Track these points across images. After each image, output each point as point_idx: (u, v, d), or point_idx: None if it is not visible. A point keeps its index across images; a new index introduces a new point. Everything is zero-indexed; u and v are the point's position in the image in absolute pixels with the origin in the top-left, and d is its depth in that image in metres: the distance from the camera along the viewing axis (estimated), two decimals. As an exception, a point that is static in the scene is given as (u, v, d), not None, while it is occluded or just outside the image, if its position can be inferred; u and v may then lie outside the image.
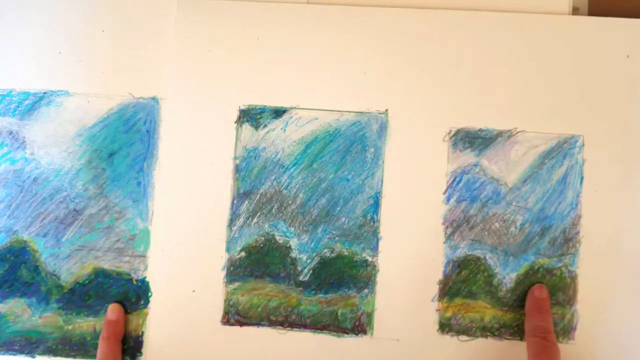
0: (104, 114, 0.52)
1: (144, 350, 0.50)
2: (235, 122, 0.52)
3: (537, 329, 0.47)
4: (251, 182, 0.51)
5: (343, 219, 0.51)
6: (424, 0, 0.52)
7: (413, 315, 0.49)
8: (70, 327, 0.51)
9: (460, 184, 0.50)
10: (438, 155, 0.51)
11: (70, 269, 0.51)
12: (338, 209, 0.51)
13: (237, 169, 0.51)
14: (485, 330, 0.50)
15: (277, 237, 0.51)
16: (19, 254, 0.51)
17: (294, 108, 0.52)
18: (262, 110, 0.52)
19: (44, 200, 0.51)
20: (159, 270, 0.51)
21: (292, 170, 0.51)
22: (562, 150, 0.50)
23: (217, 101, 0.52)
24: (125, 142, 0.52)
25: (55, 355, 0.50)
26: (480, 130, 0.51)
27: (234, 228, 0.51)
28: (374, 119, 0.51)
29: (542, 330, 0.47)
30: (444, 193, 0.50)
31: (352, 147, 0.51)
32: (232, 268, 0.50)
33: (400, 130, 0.51)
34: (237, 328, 0.50)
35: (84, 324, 0.51)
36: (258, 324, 0.50)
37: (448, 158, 0.51)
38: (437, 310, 0.50)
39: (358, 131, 0.51)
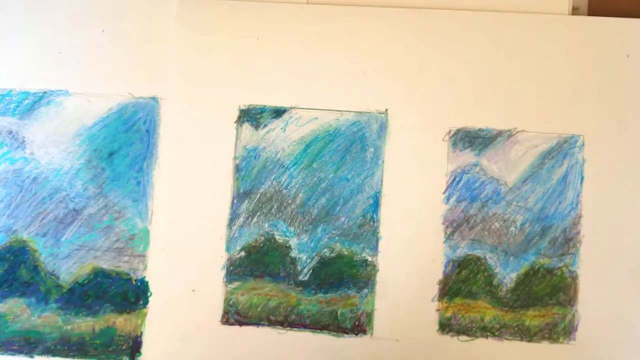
0: (104, 114, 0.52)
1: (143, 350, 0.50)
2: (236, 122, 0.52)
3: None
4: (251, 182, 0.51)
5: (343, 219, 0.50)
6: (424, 0, 0.52)
7: (413, 315, 0.49)
8: (69, 328, 0.50)
9: (461, 184, 0.50)
10: (438, 155, 0.51)
11: (69, 269, 0.51)
12: (338, 209, 0.51)
13: (238, 169, 0.51)
14: (486, 331, 0.49)
15: (277, 237, 0.51)
16: (19, 253, 0.51)
17: (294, 108, 0.52)
18: (263, 110, 0.52)
19: (44, 200, 0.51)
20: (158, 270, 0.50)
21: (292, 170, 0.51)
22: (562, 150, 0.50)
23: (218, 101, 0.52)
24: (125, 142, 0.52)
25: (54, 355, 0.50)
26: (480, 130, 0.51)
27: (234, 228, 0.51)
28: (374, 119, 0.51)
29: None
30: (444, 193, 0.50)
31: (352, 147, 0.51)
32: (232, 268, 0.50)
33: (400, 130, 0.51)
34: (237, 328, 0.50)
35: (83, 324, 0.50)
36: (258, 324, 0.50)
37: (448, 158, 0.51)
38: (438, 310, 0.49)
39: (358, 131, 0.51)
